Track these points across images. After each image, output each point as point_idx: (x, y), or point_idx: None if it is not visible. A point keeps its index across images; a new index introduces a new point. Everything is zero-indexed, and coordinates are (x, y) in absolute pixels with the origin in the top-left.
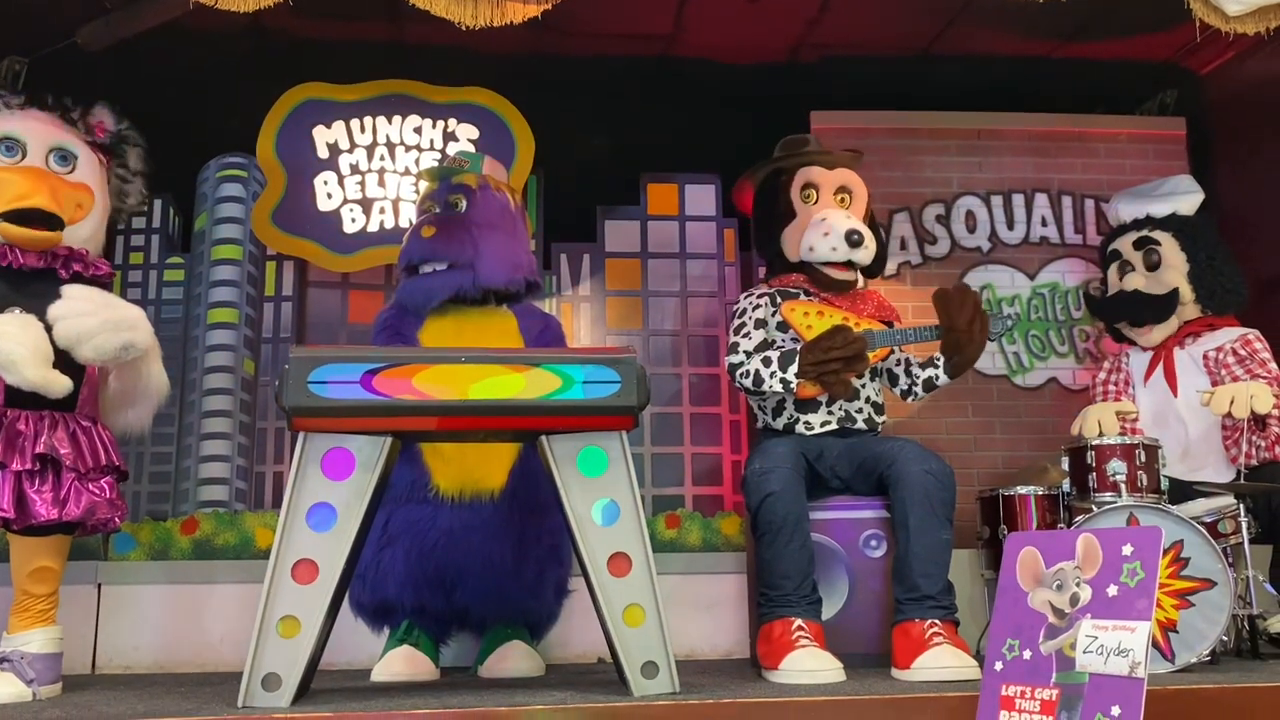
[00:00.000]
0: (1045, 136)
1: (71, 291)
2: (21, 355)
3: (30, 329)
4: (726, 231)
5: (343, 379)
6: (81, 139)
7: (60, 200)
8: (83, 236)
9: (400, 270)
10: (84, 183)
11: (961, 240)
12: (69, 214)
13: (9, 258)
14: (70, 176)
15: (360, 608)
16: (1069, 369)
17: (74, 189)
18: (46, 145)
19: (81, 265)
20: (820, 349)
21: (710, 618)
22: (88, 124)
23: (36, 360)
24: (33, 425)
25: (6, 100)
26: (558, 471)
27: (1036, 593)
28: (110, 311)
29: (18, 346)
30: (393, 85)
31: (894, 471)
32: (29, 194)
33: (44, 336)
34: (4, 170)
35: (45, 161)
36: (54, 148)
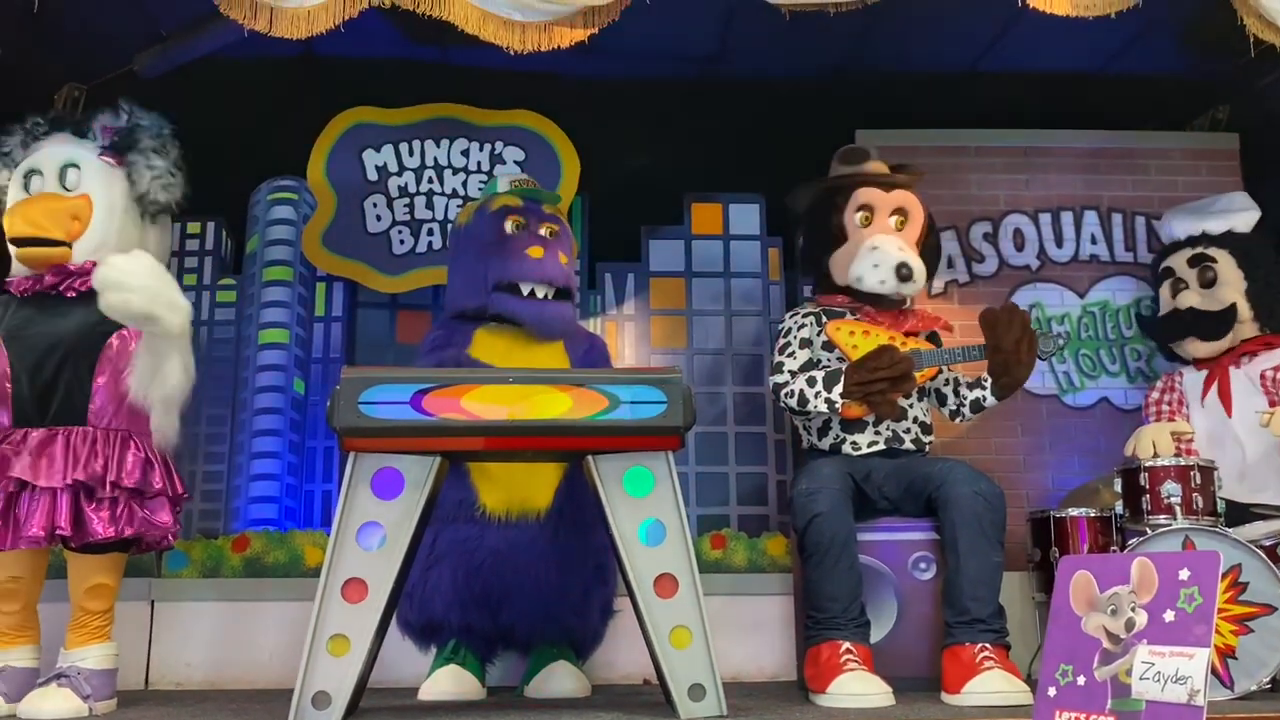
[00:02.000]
0: (1094, 153)
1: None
2: None
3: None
4: (771, 250)
5: (393, 399)
6: (91, 149)
7: (40, 221)
8: (91, 247)
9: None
10: (83, 194)
11: (1010, 258)
12: (63, 229)
13: (22, 286)
14: (72, 194)
15: (407, 626)
16: (1120, 388)
17: (69, 203)
18: (58, 166)
19: (86, 278)
20: (866, 369)
21: (756, 639)
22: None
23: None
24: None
25: (35, 132)
26: (604, 491)
27: (1091, 617)
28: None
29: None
30: (440, 109)
31: (943, 493)
32: (12, 225)
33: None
34: (20, 205)
35: (60, 182)
36: (64, 166)
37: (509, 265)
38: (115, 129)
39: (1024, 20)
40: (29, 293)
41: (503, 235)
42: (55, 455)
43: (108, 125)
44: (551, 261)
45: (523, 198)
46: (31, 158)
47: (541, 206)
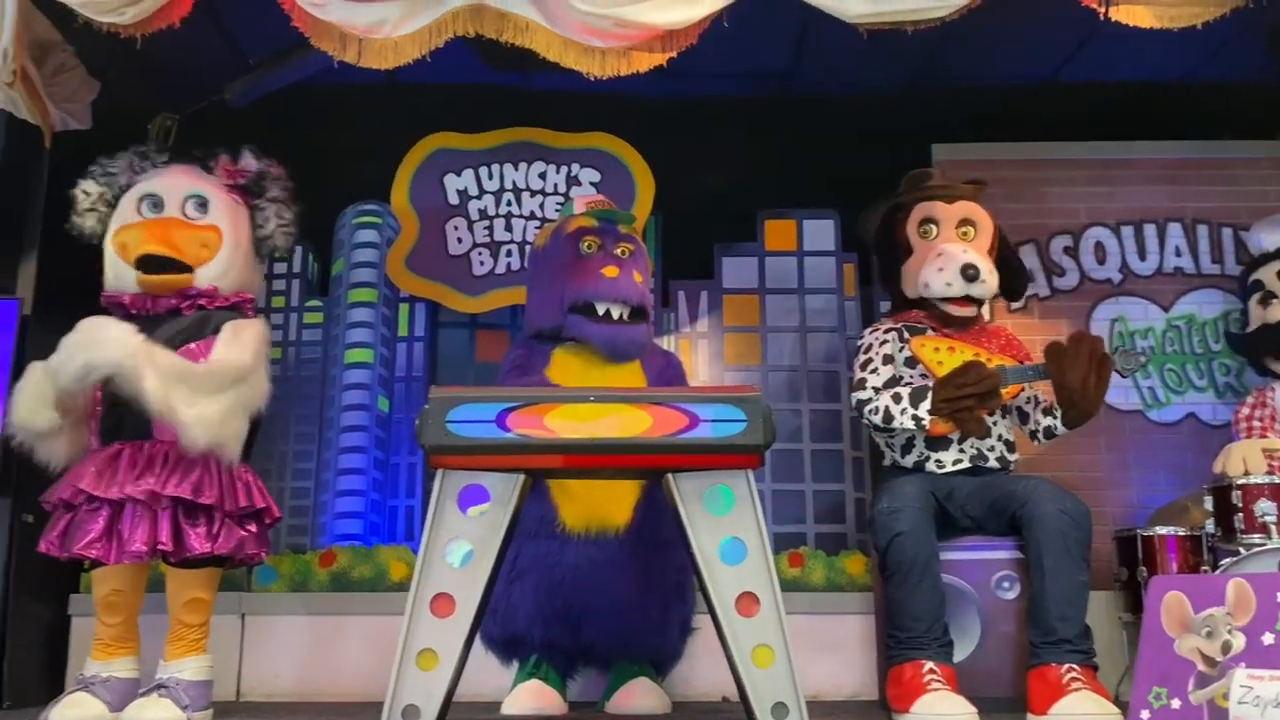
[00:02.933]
0: (1178, 164)
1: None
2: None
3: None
4: (846, 266)
5: (478, 418)
6: (218, 185)
7: (177, 243)
8: (213, 275)
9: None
10: (213, 225)
11: (1091, 272)
12: (193, 255)
13: (137, 305)
14: (201, 220)
15: (490, 641)
16: (1208, 404)
17: (200, 231)
18: (182, 195)
19: (207, 300)
20: (954, 385)
21: (835, 658)
22: (227, 170)
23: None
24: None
25: (154, 160)
26: (684, 509)
27: (1184, 639)
28: (75, 335)
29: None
30: (518, 133)
31: (1027, 511)
32: (144, 241)
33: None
34: (138, 225)
35: (182, 210)
36: (188, 196)
37: (584, 285)
38: (241, 171)
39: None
40: (144, 313)
41: (578, 256)
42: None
43: (231, 167)
44: (626, 281)
45: (598, 218)
46: (149, 183)
47: (617, 226)
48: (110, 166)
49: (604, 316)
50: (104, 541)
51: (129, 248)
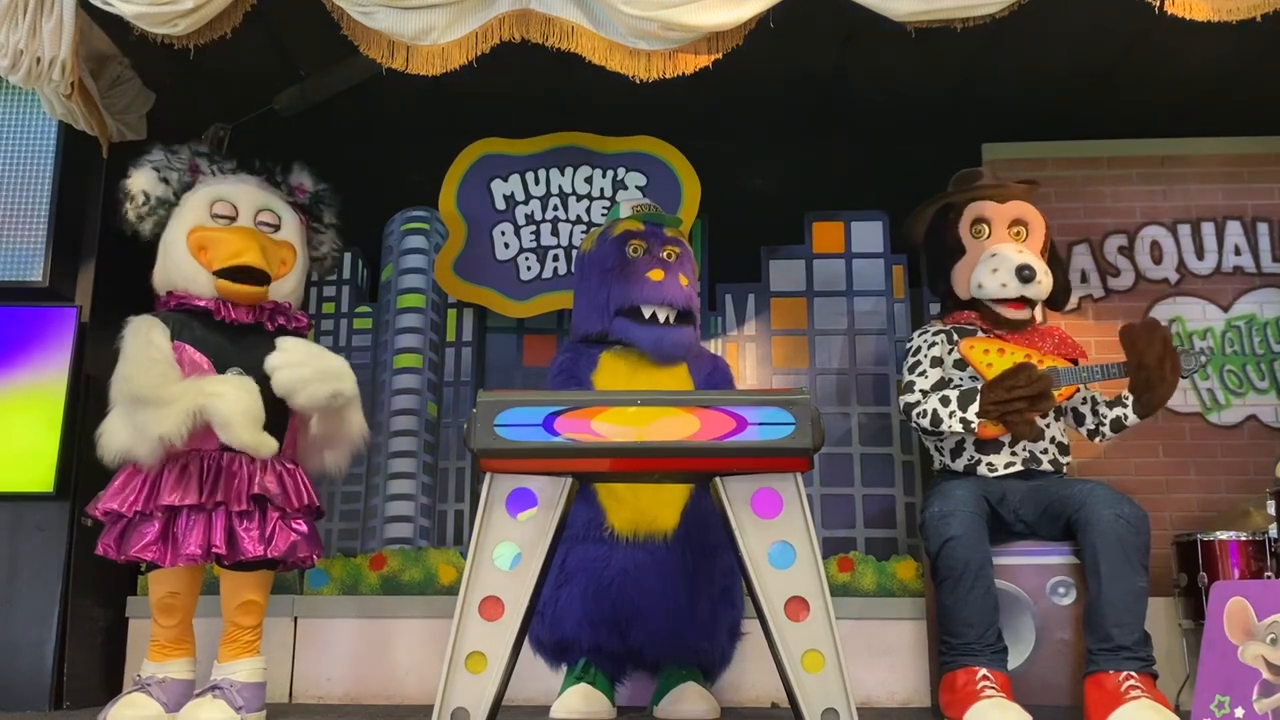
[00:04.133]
0: (1236, 160)
1: (286, 344)
2: (237, 418)
3: (246, 393)
4: (895, 268)
5: (526, 422)
6: (285, 199)
7: (268, 257)
8: (286, 291)
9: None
10: (288, 241)
11: (1146, 272)
12: (275, 270)
13: (223, 312)
14: (276, 235)
15: (539, 645)
16: (1270, 405)
17: (279, 247)
18: (255, 207)
19: (285, 318)
20: (1004, 387)
21: (886, 664)
22: (290, 185)
23: (248, 423)
24: (245, 467)
25: (221, 166)
26: (732, 513)
27: (1248, 646)
28: (321, 361)
29: (235, 408)
30: (564, 138)
31: (1083, 515)
32: (242, 252)
33: (258, 399)
34: (219, 231)
35: (254, 221)
36: (262, 209)
37: (630, 289)
38: (308, 191)
39: (1159, 26)
40: (230, 321)
41: (624, 259)
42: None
43: (304, 185)
44: (672, 284)
45: (644, 222)
46: (220, 189)
47: (663, 230)
48: (174, 162)
49: (650, 320)
50: (159, 544)
51: (213, 252)
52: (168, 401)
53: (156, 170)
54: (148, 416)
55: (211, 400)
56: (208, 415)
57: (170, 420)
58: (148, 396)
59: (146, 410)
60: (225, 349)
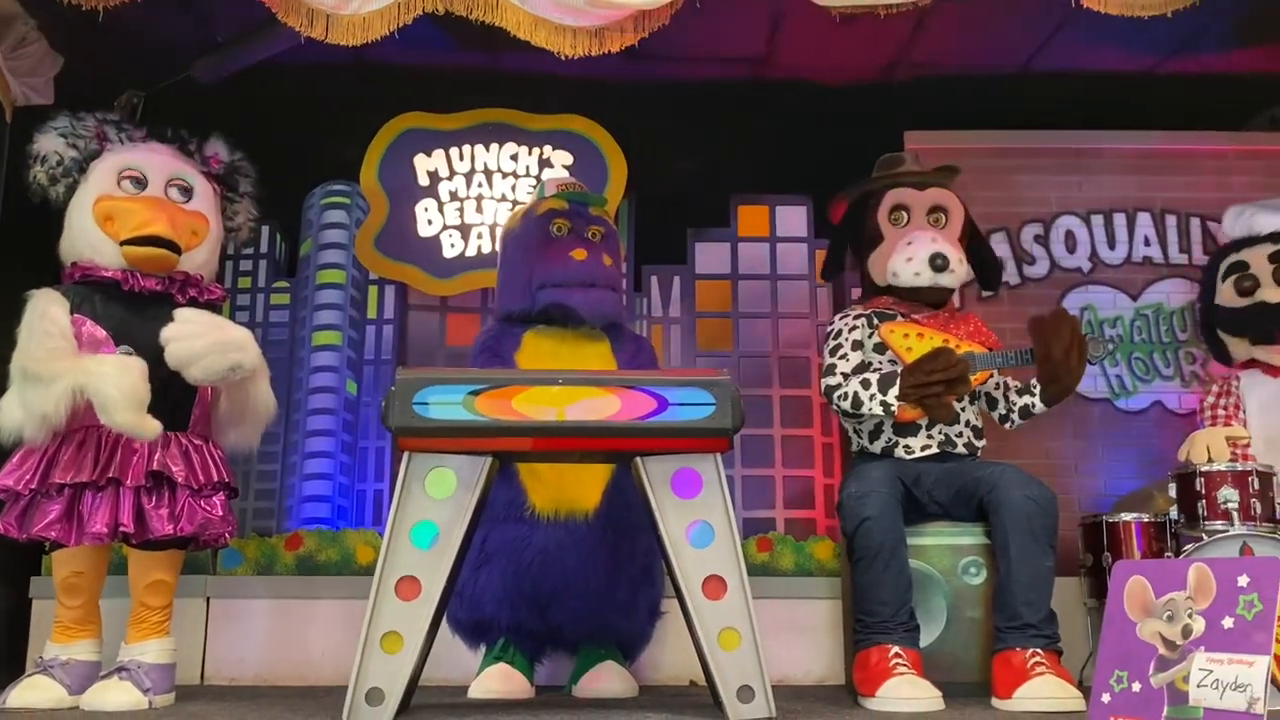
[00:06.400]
0: (1147, 155)
1: (182, 314)
2: (115, 399)
3: (129, 373)
4: (818, 252)
5: (446, 400)
6: (198, 170)
7: (178, 228)
8: (197, 262)
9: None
10: (200, 211)
11: (1061, 260)
12: (185, 241)
13: (130, 282)
14: (188, 205)
15: (458, 624)
16: (1174, 392)
17: (190, 217)
18: (166, 176)
19: (196, 290)
20: (923, 371)
21: (803, 643)
22: (203, 155)
23: (127, 404)
24: (146, 444)
25: (130, 134)
26: (652, 493)
27: (1146, 623)
28: (219, 333)
29: (113, 390)
30: (490, 114)
31: (994, 497)
32: (149, 222)
33: (141, 379)
34: (127, 201)
35: (165, 191)
36: (173, 178)
37: (554, 268)
38: (222, 161)
39: (1076, 20)
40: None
41: (548, 238)
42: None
43: (218, 155)
44: (596, 263)
45: (569, 201)
46: (130, 157)
47: (588, 209)
48: (80, 128)
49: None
50: (64, 523)
51: (120, 222)
52: (51, 379)
53: (64, 138)
54: (34, 393)
55: (92, 379)
56: (89, 394)
57: (51, 399)
58: (35, 372)
59: (34, 387)
60: (129, 322)
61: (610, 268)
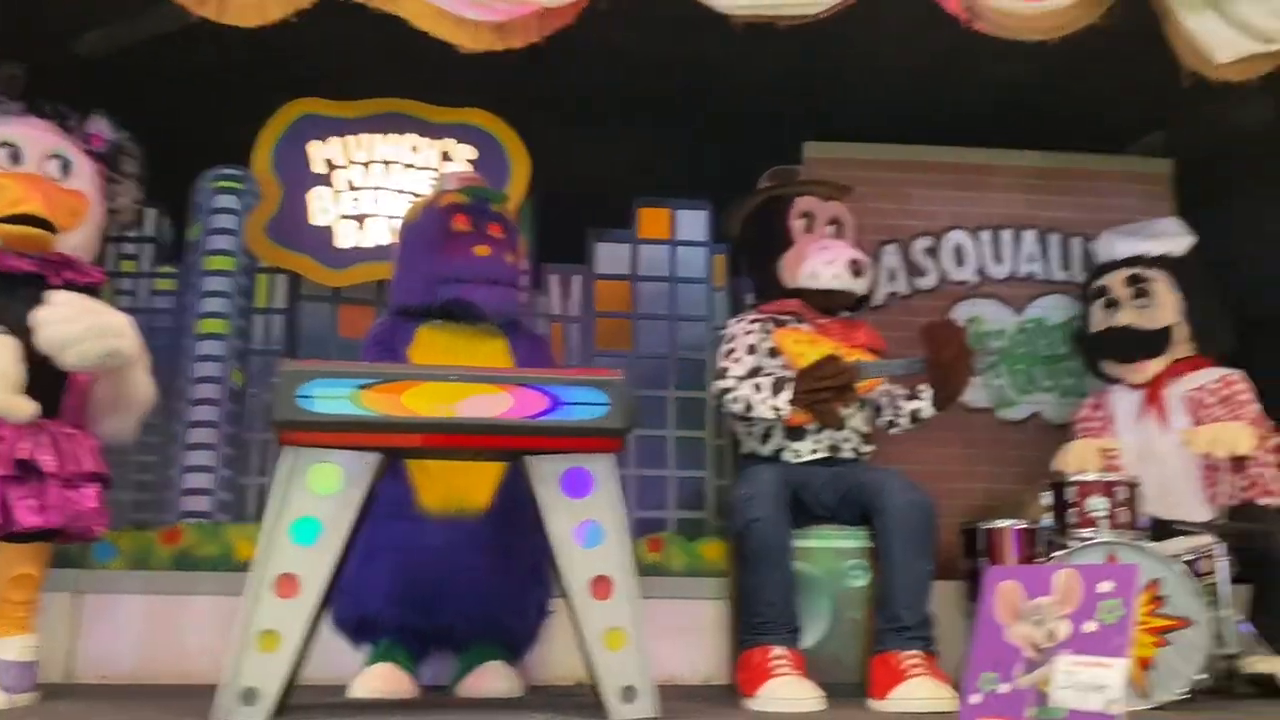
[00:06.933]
0: (1034, 174)
1: (56, 298)
2: None
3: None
4: (717, 257)
5: (332, 394)
6: (79, 147)
7: (54, 206)
8: (74, 243)
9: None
10: (79, 190)
11: (950, 273)
12: (63, 220)
13: (1, 262)
14: (66, 183)
15: (341, 623)
16: (1052, 404)
17: (68, 195)
18: (44, 152)
19: (73, 271)
20: (813, 377)
21: (691, 643)
22: (85, 133)
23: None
24: (13, 431)
25: (5, 107)
26: (541, 492)
27: (1015, 627)
28: (94, 318)
29: None
30: (391, 104)
31: (878, 502)
32: (22, 200)
33: (13, 360)
34: (0, 176)
35: (41, 167)
36: (51, 155)
37: (454, 263)
38: (105, 139)
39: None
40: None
41: (449, 233)
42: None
43: (101, 133)
44: (498, 260)
45: (471, 196)
46: (4, 131)
47: (489, 205)
48: None
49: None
50: None
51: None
52: None
53: None
54: None
55: None
56: None
57: None
58: None
59: None
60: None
61: (512, 265)
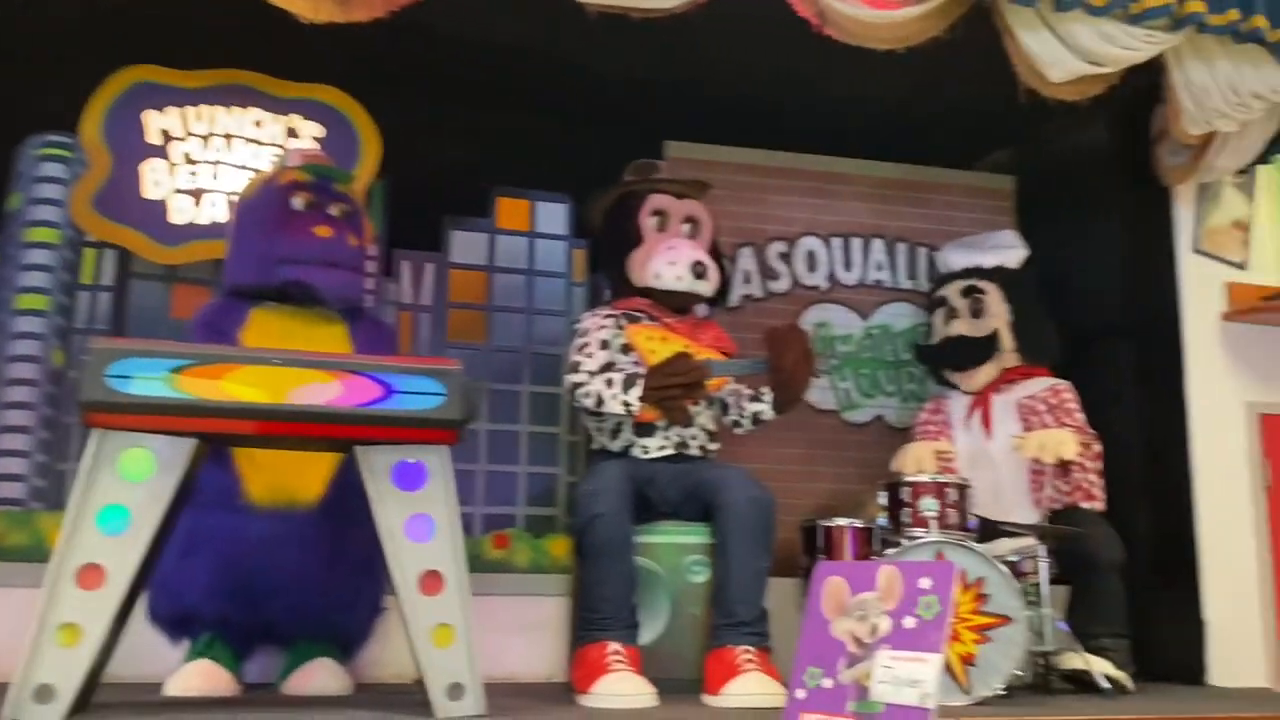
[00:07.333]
0: (885, 184)
1: None
2: None
3: None
4: (576, 252)
5: (145, 374)
6: None
7: None
8: None
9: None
10: None
11: (802, 278)
12: None
13: None
14: None
15: (157, 618)
16: (894, 408)
17: None
18: None
19: None
20: (663, 374)
21: (533, 640)
22: None
23: None
24: None
25: None
26: (372, 484)
27: (840, 622)
28: None
29: None
30: (235, 75)
31: (719, 498)
32: None
33: None
34: None
35: None
36: None
37: (295, 243)
38: None
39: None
40: None
41: (289, 211)
42: None
43: None
44: (340, 242)
45: (314, 174)
46: None
47: (333, 185)
48: None
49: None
50: None
51: None
52: None
53: None
54: None
55: None
56: None
57: None
58: None
59: None
60: None
61: (355, 248)
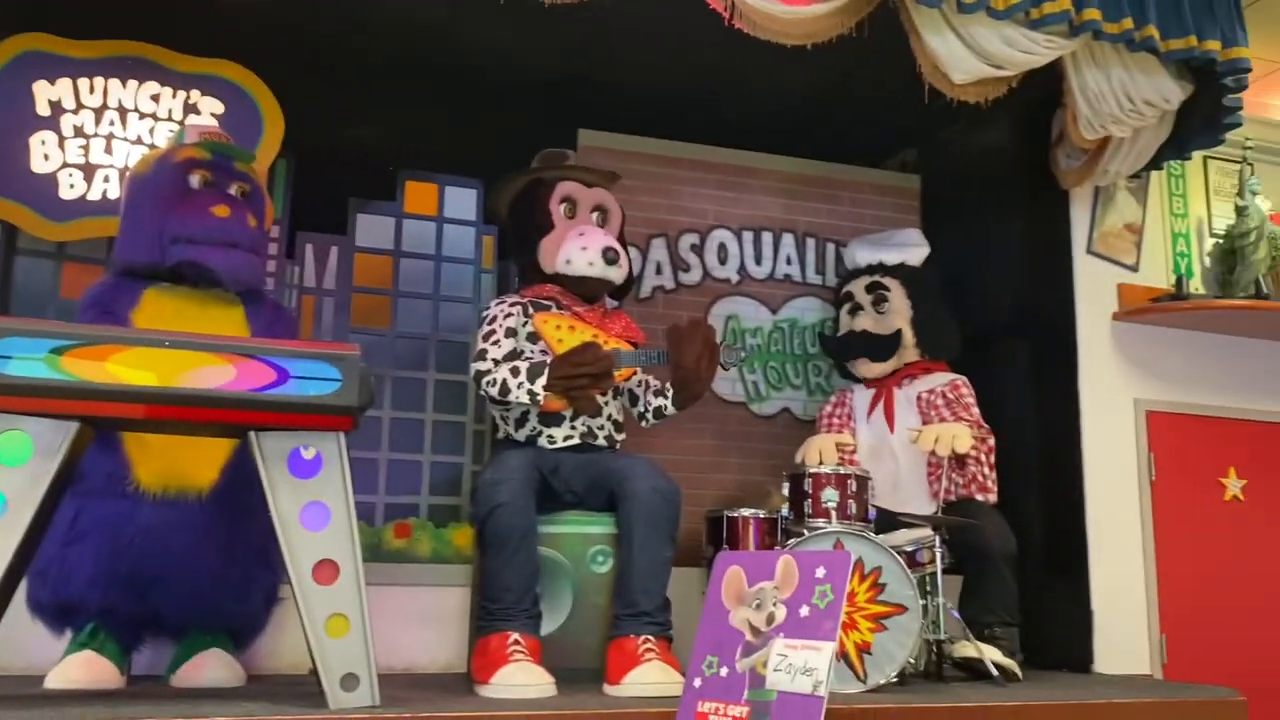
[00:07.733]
0: (796, 180)
1: None
2: None
3: None
4: (485, 238)
5: (24, 354)
6: None
7: None
8: None
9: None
10: None
11: (713, 270)
12: None
13: None
14: None
15: (39, 607)
16: (801, 400)
17: None
18: None
19: None
20: (570, 364)
21: (433, 630)
22: None
23: None
24: None
25: None
26: (265, 471)
27: (738, 611)
28: None
29: None
30: (131, 47)
31: (624, 488)
32: None
33: None
34: None
35: None
36: None
37: (190, 222)
38: None
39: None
40: None
41: (186, 189)
42: None
43: None
44: (239, 222)
45: (212, 151)
46: None
47: (233, 163)
48: None
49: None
50: None
51: None
52: None
53: None
54: None
55: None
56: None
57: None
58: None
59: None
60: None
61: (254, 229)
